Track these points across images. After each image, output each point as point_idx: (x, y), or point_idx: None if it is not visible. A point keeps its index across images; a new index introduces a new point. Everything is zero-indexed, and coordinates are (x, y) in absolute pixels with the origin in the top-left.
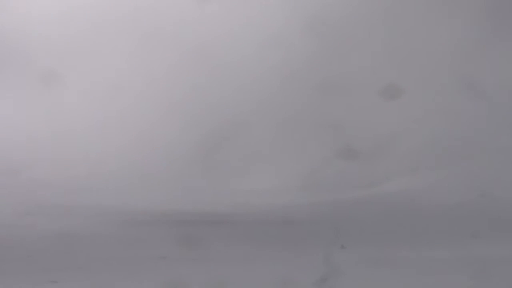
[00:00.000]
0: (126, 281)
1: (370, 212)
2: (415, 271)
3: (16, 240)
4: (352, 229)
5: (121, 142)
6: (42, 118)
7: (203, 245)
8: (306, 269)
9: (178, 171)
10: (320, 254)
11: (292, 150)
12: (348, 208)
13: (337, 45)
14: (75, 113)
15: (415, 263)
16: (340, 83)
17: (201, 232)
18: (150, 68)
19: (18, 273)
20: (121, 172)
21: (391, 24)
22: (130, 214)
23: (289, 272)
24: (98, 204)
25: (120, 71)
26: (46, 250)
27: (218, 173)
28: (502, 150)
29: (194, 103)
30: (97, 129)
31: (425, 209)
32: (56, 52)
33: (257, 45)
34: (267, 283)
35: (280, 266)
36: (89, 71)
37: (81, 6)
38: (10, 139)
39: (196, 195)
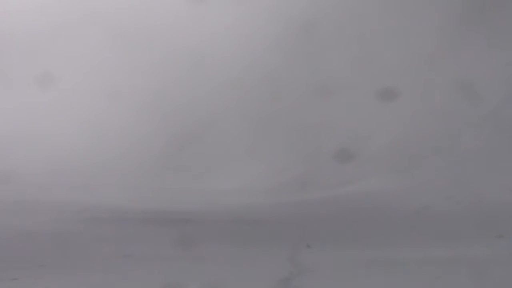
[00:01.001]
0: (88, 278)
1: (336, 213)
2: (378, 271)
3: None
4: (318, 229)
5: (90, 141)
6: (12, 115)
7: (169, 243)
8: (271, 267)
9: (147, 170)
10: (286, 253)
11: (261, 152)
12: (315, 208)
13: (320, 48)
14: (45, 111)
15: (379, 263)
16: (316, 86)
17: (167, 231)
18: (127, 68)
19: None
20: (88, 170)
21: (379, 26)
22: (95, 211)
23: (254, 270)
24: (62, 201)
25: (95, 71)
26: (7, 247)
27: (187, 172)
28: (468, 153)
29: (165, 102)
30: (67, 127)
31: (390, 210)
32: (36, 50)
33: (243, 47)
34: (233, 280)
35: (246, 264)
36: (67, 69)
37: (67, 3)
38: None
39: (164, 194)
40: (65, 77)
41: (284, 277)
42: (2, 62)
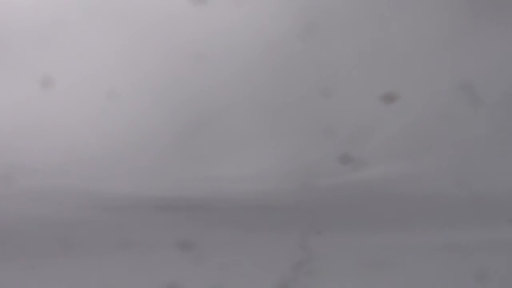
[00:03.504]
0: (104, 266)
1: (346, 199)
2: (389, 256)
3: None
4: (329, 215)
5: (100, 128)
6: (23, 107)
7: (181, 230)
8: (282, 253)
9: (157, 156)
10: (297, 239)
11: (271, 137)
12: (325, 194)
13: (331, 39)
14: (58, 99)
15: (390, 248)
16: (326, 75)
17: (179, 217)
18: (138, 57)
19: None
20: (100, 158)
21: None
22: (108, 199)
23: (265, 255)
24: (77, 189)
25: (104, 62)
26: (23, 236)
27: (200, 158)
28: (484, 138)
29: (178, 89)
30: (80, 114)
31: (401, 196)
32: (41, 44)
33: (247, 41)
34: (243, 265)
35: (256, 251)
36: (73, 61)
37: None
38: None
39: (175, 180)
40: (74, 68)
41: (295, 263)
42: (7, 56)
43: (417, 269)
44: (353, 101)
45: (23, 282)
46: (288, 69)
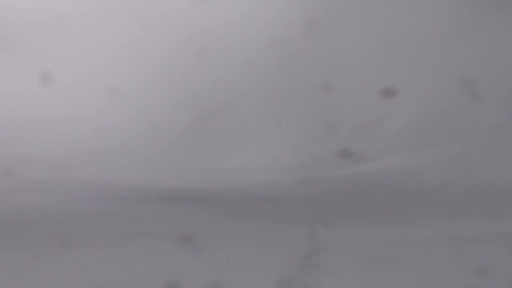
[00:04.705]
0: (112, 257)
1: (355, 190)
2: (398, 247)
3: (0, 215)
4: (337, 207)
5: (110, 119)
6: (26, 101)
7: (190, 221)
8: (291, 245)
9: (166, 148)
10: (305, 231)
11: (279, 129)
12: (334, 186)
13: (337, 28)
14: (65, 91)
15: (398, 239)
16: (333, 65)
17: (188, 208)
18: (143, 49)
19: (1, 248)
20: (110, 149)
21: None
22: (117, 190)
23: (274, 247)
24: (81, 180)
25: (111, 52)
26: (29, 225)
27: (206, 150)
28: (488, 131)
29: (185, 82)
30: (86, 107)
31: (409, 188)
32: (43, 39)
33: (253, 31)
34: (251, 257)
35: (265, 241)
36: (76, 56)
37: None
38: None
39: (184, 172)
40: (77, 64)
41: (304, 255)
42: (9, 51)
43: (420, 261)
44: (361, 92)
45: (28, 271)
46: (290, 65)
